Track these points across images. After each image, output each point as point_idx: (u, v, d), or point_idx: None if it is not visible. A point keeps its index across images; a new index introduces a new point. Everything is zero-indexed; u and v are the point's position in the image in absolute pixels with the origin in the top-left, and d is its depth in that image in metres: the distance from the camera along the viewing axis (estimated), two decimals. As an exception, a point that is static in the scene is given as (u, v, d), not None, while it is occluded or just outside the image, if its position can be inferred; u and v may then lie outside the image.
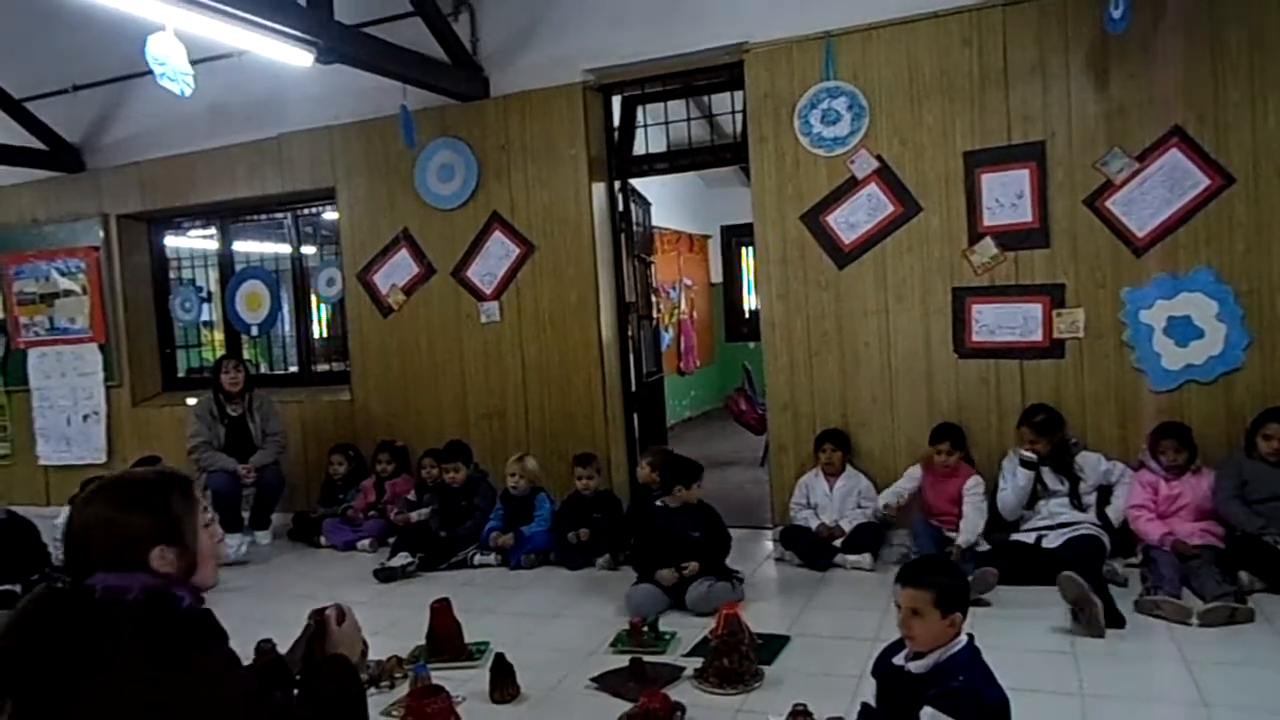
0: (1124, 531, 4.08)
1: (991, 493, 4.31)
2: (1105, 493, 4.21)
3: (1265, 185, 4.01)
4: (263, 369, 6.97)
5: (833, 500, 4.63)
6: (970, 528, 4.08)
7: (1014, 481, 4.18)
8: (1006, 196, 4.43)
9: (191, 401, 5.95)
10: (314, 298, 6.53)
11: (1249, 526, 3.77)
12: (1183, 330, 4.15)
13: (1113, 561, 3.94)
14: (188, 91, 3.79)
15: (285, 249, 6.68)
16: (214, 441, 5.56)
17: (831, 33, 4.65)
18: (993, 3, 4.36)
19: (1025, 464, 4.13)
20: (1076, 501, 4.14)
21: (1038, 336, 4.41)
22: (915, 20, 4.51)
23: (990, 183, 4.46)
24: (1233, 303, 4.07)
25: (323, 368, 6.76)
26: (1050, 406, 4.27)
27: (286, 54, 4.24)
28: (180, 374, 7.03)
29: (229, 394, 5.62)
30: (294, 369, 6.80)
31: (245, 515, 5.57)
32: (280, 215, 6.56)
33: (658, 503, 4.19)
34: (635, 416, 5.67)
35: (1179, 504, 3.99)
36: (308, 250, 6.72)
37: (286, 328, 6.92)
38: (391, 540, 5.10)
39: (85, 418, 6.78)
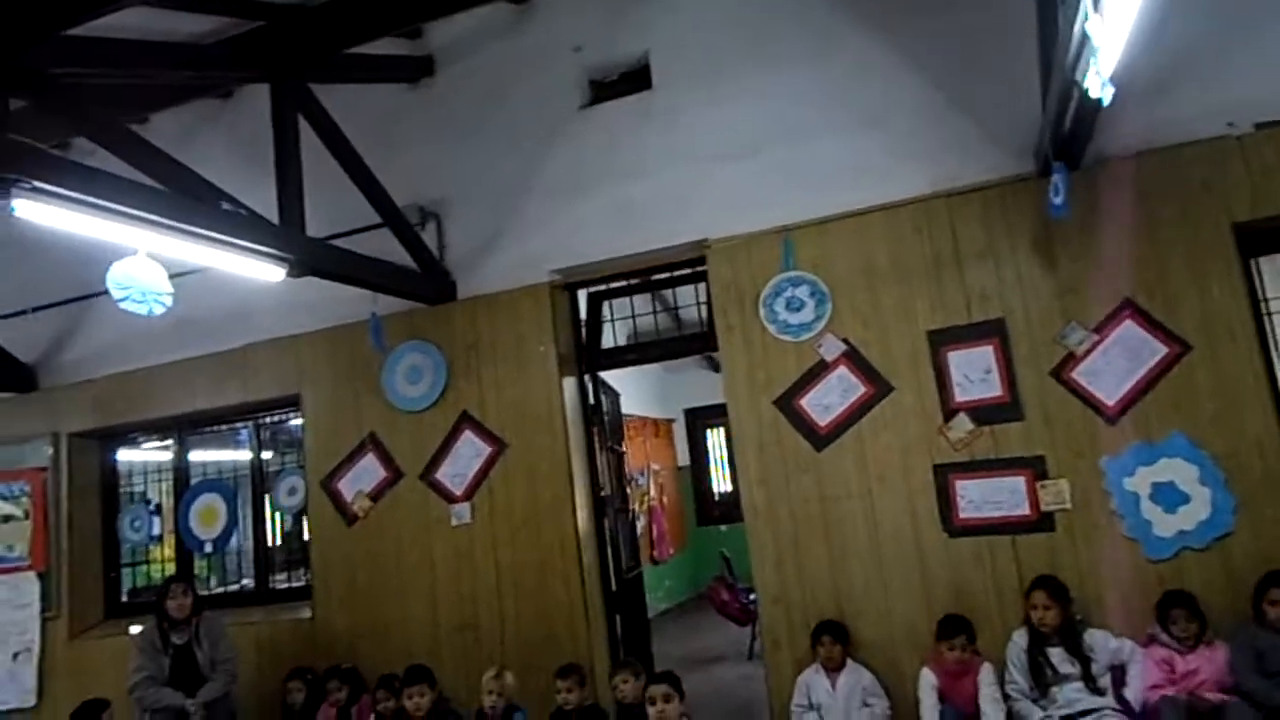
0: (1145, 715, 3.85)
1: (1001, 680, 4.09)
2: (1119, 672, 4.01)
3: (1221, 349, 4.12)
4: (213, 584, 6.53)
5: (837, 699, 4.33)
6: (992, 726, 3.83)
7: (1015, 652, 4.00)
8: (975, 372, 4.50)
9: (135, 630, 5.50)
10: (272, 508, 6.25)
11: (1274, 702, 3.59)
12: (1169, 496, 4.12)
13: (1142, 749, 3.70)
14: (159, 311, 3.74)
15: (244, 457, 6.46)
16: (158, 676, 5.07)
17: (788, 228, 4.85)
18: (937, 194, 4.62)
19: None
20: (1092, 684, 3.92)
21: (1025, 510, 4.34)
22: (867, 212, 4.73)
23: (957, 359, 4.54)
24: (1212, 466, 4.07)
25: (281, 581, 6.37)
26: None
27: (259, 270, 4.26)
28: (124, 598, 6.57)
29: (174, 620, 5.20)
30: (249, 583, 6.40)
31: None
32: (240, 424, 6.40)
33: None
34: (617, 618, 5.37)
35: (1198, 679, 3.80)
36: (267, 456, 6.52)
37: (242, 541, 6.58)
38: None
39: (15, 656, 6.22)
